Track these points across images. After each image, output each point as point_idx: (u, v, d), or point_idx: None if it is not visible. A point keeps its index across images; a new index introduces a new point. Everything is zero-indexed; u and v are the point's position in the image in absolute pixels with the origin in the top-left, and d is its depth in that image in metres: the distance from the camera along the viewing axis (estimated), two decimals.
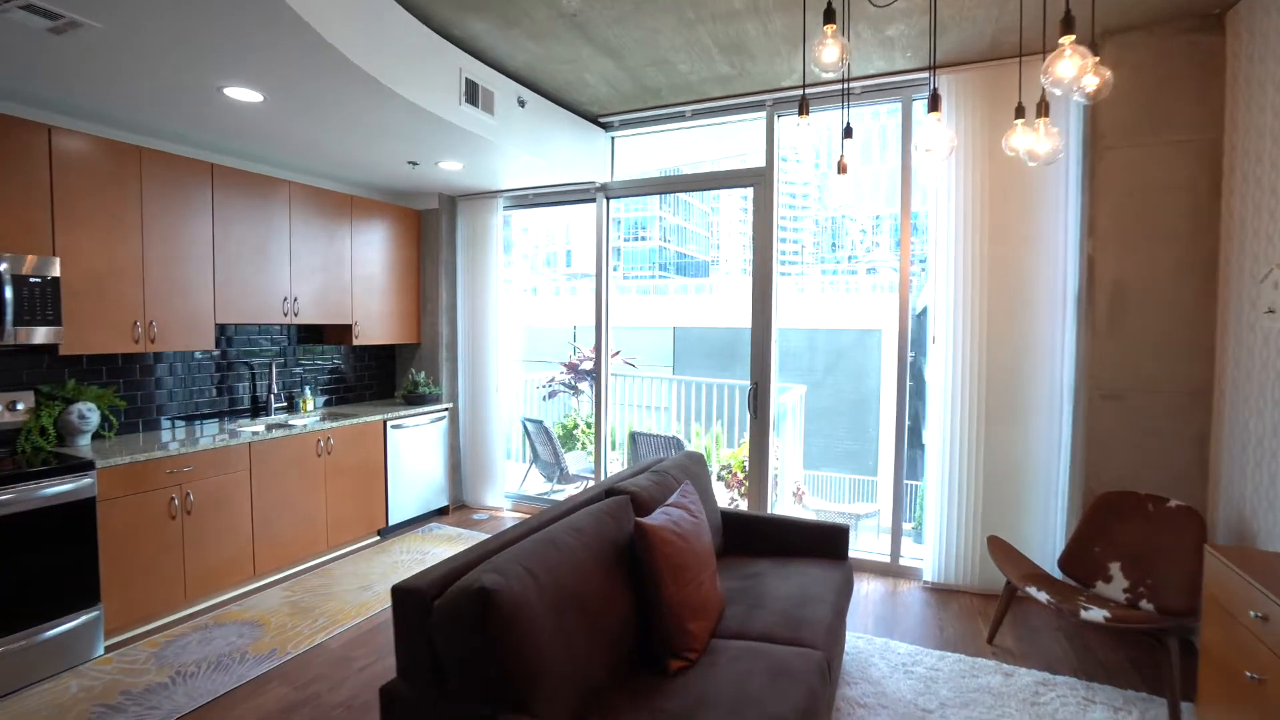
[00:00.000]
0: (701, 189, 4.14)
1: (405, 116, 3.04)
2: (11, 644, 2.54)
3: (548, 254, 34.95)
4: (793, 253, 25.99)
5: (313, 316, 4.06)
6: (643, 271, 30.45)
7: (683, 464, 2.68)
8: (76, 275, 2.95)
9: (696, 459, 2.85)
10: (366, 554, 4.00)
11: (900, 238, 3.61)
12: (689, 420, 5.71)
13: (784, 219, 4.21)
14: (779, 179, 3.89)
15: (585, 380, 6.06)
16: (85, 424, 3.10)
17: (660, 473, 2.48)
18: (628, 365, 6.20)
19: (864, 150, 19.14)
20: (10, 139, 2.73)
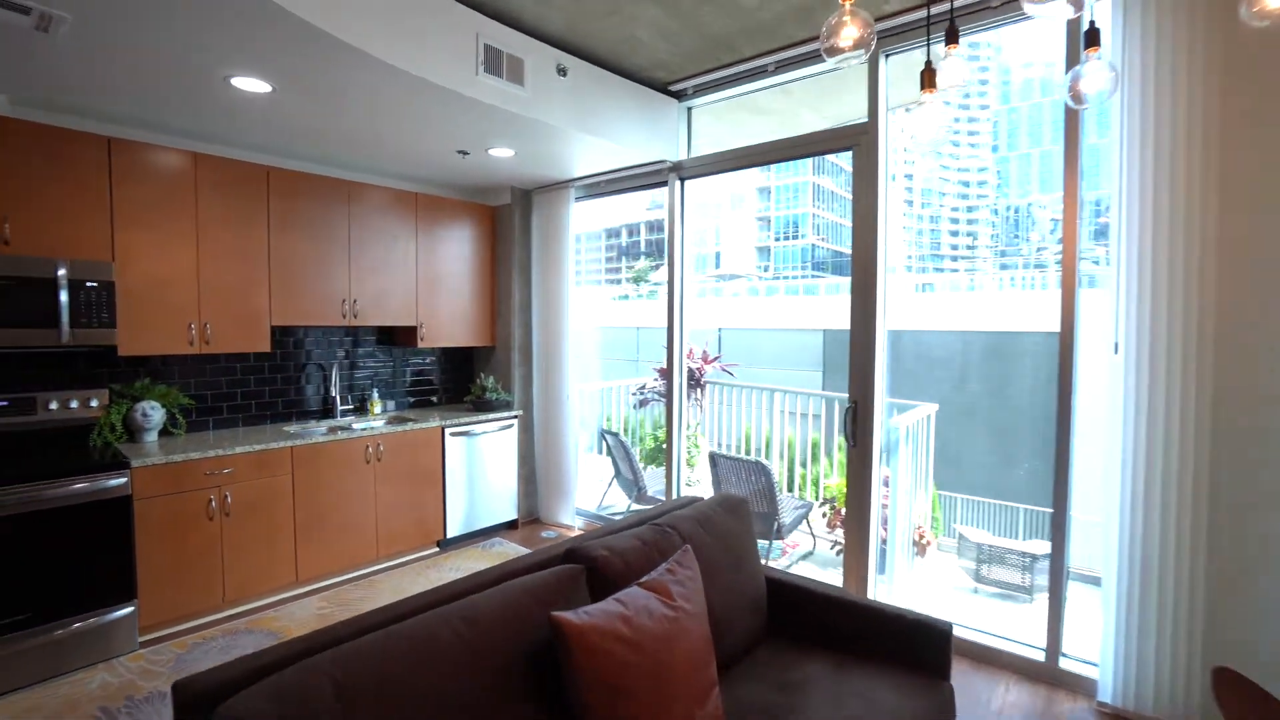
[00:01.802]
0: (790, 157, 3.38)
1: (403, 91, 2.70)
2: (51, 632, 2.61)
3: (699, 256, 34.68)
4: (966, 246, 22.92)
5: (373, 318, 3.96)
6: (793, 271, 28.92)
7: (706, 516, 2.01)
8: (133, 279, 3.03)
9: (734, 506, 2.15)
10: (417, 567, 3.80)
11: (1065, 206, 2.58)
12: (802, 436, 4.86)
13: (955, 210, 3.31)
14: (888, 137, 3.01)
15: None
16: (148, 421, 3.20)
17: (662, 528, 1.86)
18: (726, 373, 5.52)
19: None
20: (73, 152, 2.85)
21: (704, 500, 2.15)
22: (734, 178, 30.36)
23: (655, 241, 44.04)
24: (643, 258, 44.73)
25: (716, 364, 5.48)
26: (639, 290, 33.32)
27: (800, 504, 4.18)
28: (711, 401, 5.64)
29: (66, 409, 3.04)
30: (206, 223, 3.25)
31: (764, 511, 3.83)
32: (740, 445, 5.31)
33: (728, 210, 31.57)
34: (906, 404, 4.21)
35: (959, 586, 4.19)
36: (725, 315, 21.79)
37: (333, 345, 4.11)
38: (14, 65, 2.46)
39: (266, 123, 3.12)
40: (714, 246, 33.11)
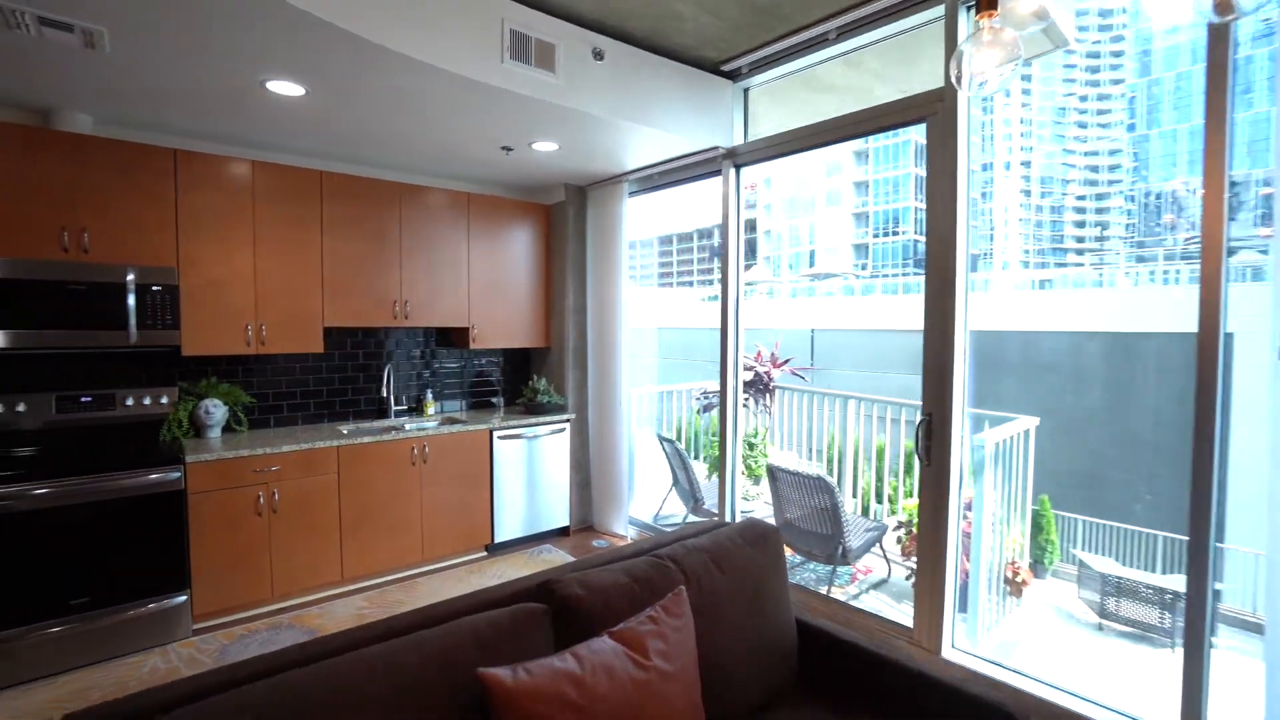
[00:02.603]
0: (853, 135, 2.99)
1: (424, 83, 2.60)
2: (111, 616, 2.75)
3: (793, 255, 33.57)
4: (1094, 238, 20.42)
5: (424, 319, 3.96)
6: (892, 269, 27.23)
7: (720, 548, 1.73)
8: (195, 282, 3.16)
9: (759, 537, 1.85)
10: (460, 572, 3.75)
11: (1206, 182, 2.05)
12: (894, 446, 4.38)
13: (1082, 198, 2.80)
14: (968, 107, 2.58)
15: (745, 393, 5.14)
16: (210, 419, 3.34)
17: (661, 562, 1.60)
18: (797, 376, 5.11)
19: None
20: (144, 164, 3.01)
21: (725, 527, 1.87)
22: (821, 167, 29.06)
23: (749, 242, 43.14)
24: None
25: (786, 367, 5.09)
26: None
27: (873, 526, 3.74)
28: (781, 407, 5.25)
29: (141, 405, 3.22)
30: (263, 227, 3.35)
31: (827, 533, 3.44)
32: (820, 455, 4.88)
33: (822, 207, 30.29)
34: (1003, 416, 3.67)
35: (1080, 621, 3.60)
36: (819, 316, 20.86)
37: (390, 346, 4.16)
38: (78, 84, 2.61)
39: (307, 126, 3.16)
40: (808, 245, 31.88)
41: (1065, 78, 21.97)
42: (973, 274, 2.73)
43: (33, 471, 2.63)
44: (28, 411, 2.96)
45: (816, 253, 31.14)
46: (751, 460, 5.14)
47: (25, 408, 2.96)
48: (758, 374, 5.00)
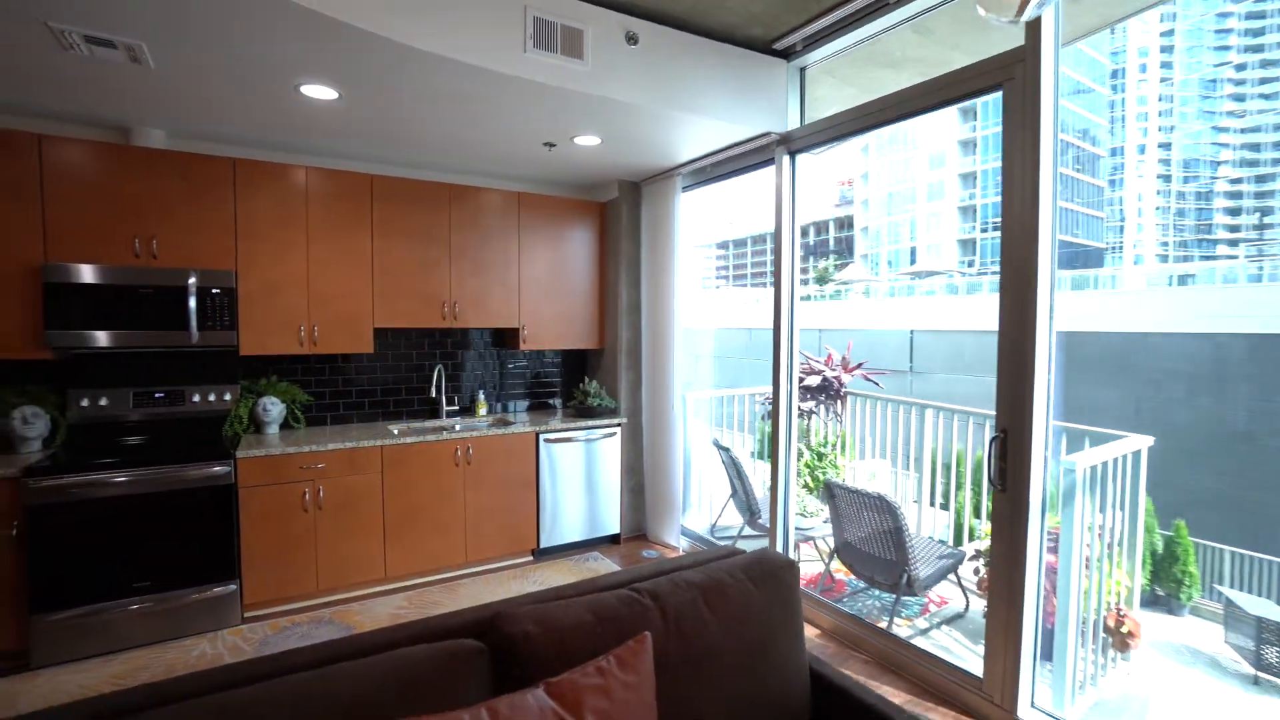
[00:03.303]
0: (920, 109, 2.61)
1: (445, 77, 2.53)
2: (167, 600, 2.91)
3: (891, 252, 31.83)
4: (1251, 226, 17.62)
5: (474, 320, 3.95)
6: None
7: (716, 583, 1.50)
8: (252, 285, 3.30)
9: (769, 573, 1.58)
10: (502, 576, 3.69)
11: None
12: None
13: (1235, 181, 2.47)
14: (1055, 68, 2.17)
15: (812, 399, 4.77)
16: (267, 415, 3.48)
17: (637, 597, 1.40)
18: (870, 383, 4.66)
19: None
20: (206, 174, 3.18)
21: (728, 558, 1.63)
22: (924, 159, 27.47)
23: (845, 239, 41.41)
24: (830, 256, 42.38)
25: (859, 371, 4.68)
26: (822, 290, 31.62)
27: (948, 553, 3.32)
28: (854, 415, 4.84)
29: (206, 401, 3.41)
30: (315, 231, 3.45)
31: (889, 559, 3.07)
32: (916, 466, 4.43)
33: (924, 202, 28.42)
34: (1109, 434, 3.14)
35: (1229, 672, 3.03)
36: (919, 316, 19.55)
37: (442, 347, 4.19)
38: (137, 99, 2.76)
39: (349, 129, 3.20)
40: (908, 241, 30.09)
41: (1217, 44, 19.17)
42: (1097, 269, 2.31)
43: (110, 461, 2.82)
44: (110, 405, 3.20)
45: (918, 249, 29.30)
46: (820, 471, 4.77)
47: (107, 402, 3.20)
48: (826, 379, 4.63)
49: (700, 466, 4.91)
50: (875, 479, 4.64)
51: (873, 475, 4.70)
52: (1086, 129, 26.86)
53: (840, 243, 39.15)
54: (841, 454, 4.84)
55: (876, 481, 4.59)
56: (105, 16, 2.06)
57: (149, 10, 2.02)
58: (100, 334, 2.95)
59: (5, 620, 2.68)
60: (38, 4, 2.00)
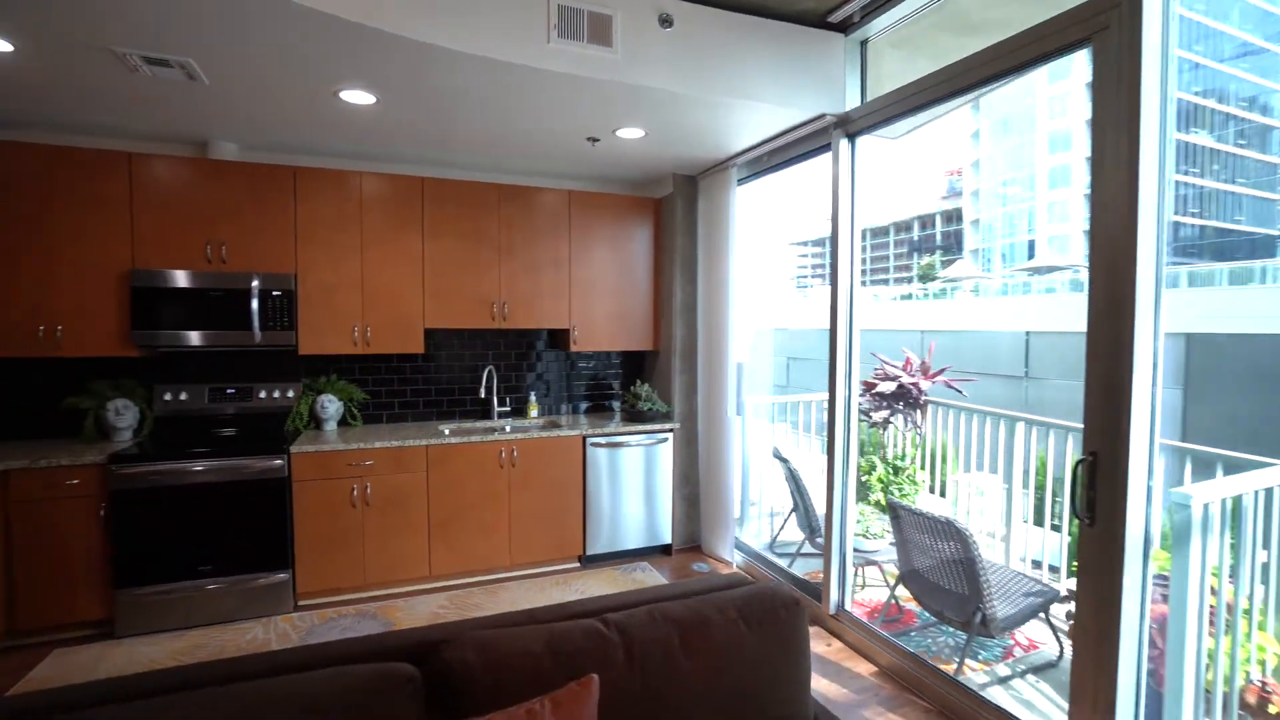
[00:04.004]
0: (996, 75, 2.24)
1: (471, 73, 2.47)
2: (230, 584, 3.09)
3: (1007, 246, 29.36)
4: None
5: (523, 321, 3.93)
6: None
7: (701, 619, 1.31)
8: (310, 287, 3.45)
9: (765, 613, 1.35)
10: (544, 582, 3.64)
11: None
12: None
13: None
14: (1163, 15, 1.78)
15: (886, 408, 4.36)
16: (325, 412, 3.63)
17: (602, 632, 1.24)
18: (952, 390, 4.18)
19: None
20: (270, 182, 3.35)
21: (723, 591, 1.43)
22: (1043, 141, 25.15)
23: (953, 234, 38.66)
24: (937, 252, 39.73)
25: (940, 378, 4.23)
26: (925, 289, 29.71)
27: (1037, 589, 2.88)
28: (939, 426, 4.38)
29: (272, 397, 3.60)
30: (369, 234, 3.55)
31: (960, 592, 2.70)
32: (1026, 480, 3.96)
33: (1045, 190, 25.93)
34: (1251, 460, 2.60)
35: None
36: (1037, 316, 17.82)
37: (495, 348, 4.21)
38: (203, 114, 2.93)
39: (394, 133, 3.24)
40: (1025, 234, 27.61)
41: None
42: (1268, 260, 1.88)
43: (182, 451, 3.03)
44: (189, 399, 3.45)
45: (1036, 243, 26.80)
46: (896, 486, 4.36)
47: (187, 396, 3.45)
48: (903, 385, 4.21)
49: (763, 476, 4.64)
50: (984, 495, 4.13)
51: (980, 492, 4.21)
52: (1256, 95, 23.30)
53: (947, 237, 36.57)
54: (921, 468, 4.40)
55: (986, 499, 4.08)
56: (152, 37, 2.17)
57: (188, 28, 2.11)
58: (177, 333, 3.18)
59: (94, 591, 2.93)
60: (101, 31, 2.14)
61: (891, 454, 4.60)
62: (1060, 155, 25.44)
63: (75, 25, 2.09)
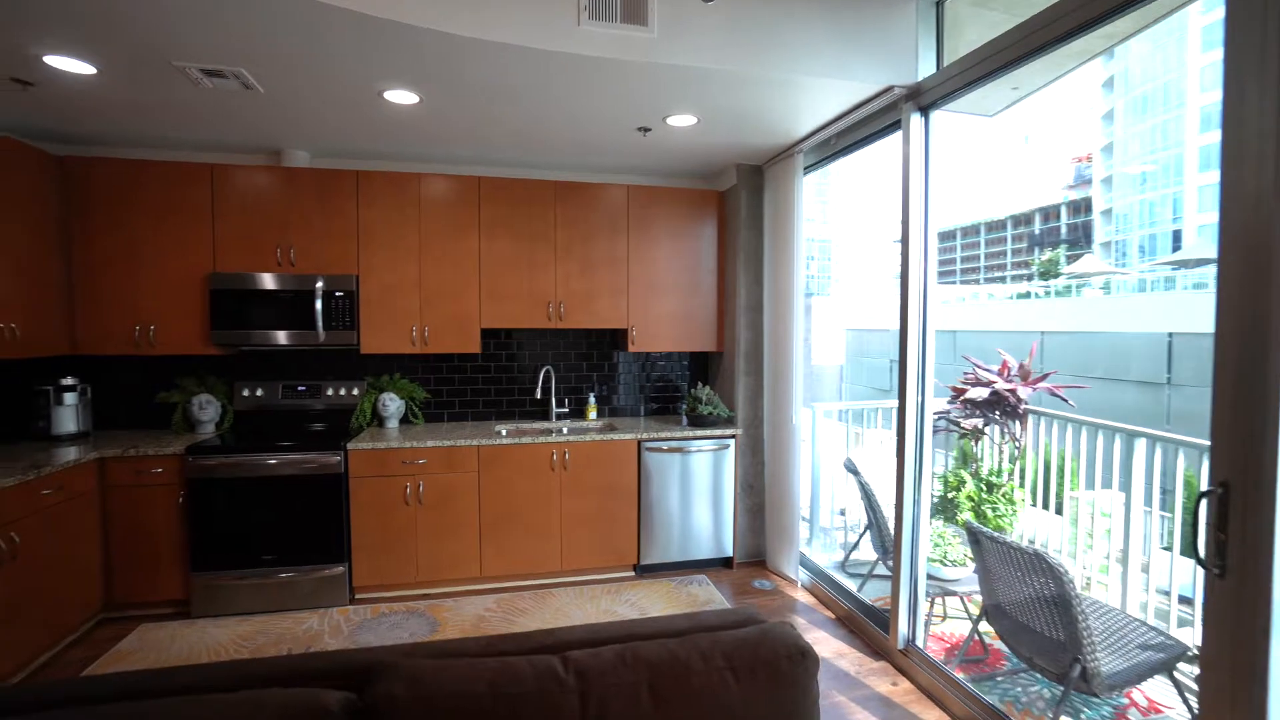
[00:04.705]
0: (1094, 19, 1.85)
1: (487, 60, 2.39)
2: (289, 574, 3.21)
3: (1145, 237, 26.21)
4: None
5: (580, 320, 3.84)
6: None
7: (675, 666, 1.11)
8: (372, 288, 3.54)
9: (758, 664, 1.13)
10: (595, 591, 3.52)
11: None
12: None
13: None
14: None
15: (980, 416, 3.87)
16: (386, 410, 3.71)
17: (557, 674, 1.08)
18: (1057, 397, 3.62)
19: None
20: (334, 187, 3.47)
21: (712, 633, 1.22)
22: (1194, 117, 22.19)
23: (1081, 225, 35.04)
24: (1061, 246, 36.17)
25: (1043, 384, 3.70)
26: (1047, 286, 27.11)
27: (1160, 641, 2.39)
28: (1040, 437, 3.84)
29: (338, 395, 3.74)
30: (428, 235, 3.59)
31: (1054, 638, 2.29)
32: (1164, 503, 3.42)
33: (1194, 172, 22.83)
34: None
35: None
36: (1183, 315, 15.66)
37: (555, 348, 4.15)
38: (268, 123, 3.07)
39: (444, 132, 3.25)
40: (1169, 223, 24.48)
41: None
42: None
43: (250, 445, 3.19)
44: (264, 395, 3.65)
45: (1183, 232, 23.68)
46: (989, 506, 3.87)
47: (262, 392, 3.65)
48: (997, 393, 3.72)
49: (836, 488, 4.28)
50: (1109, 517, 3.57)
51: (1105, 513, 3.64)
52: None
53: (1073, 230, 33.18)
54: (1019, 486, 3.87)
55: (1111, 520, 3.52)
56: (206, 50, 2.26)
57: (232, 38, 2.17)
58: (249, 333, 3.35)
59: (174, 573, 3.15)
60: (161, 47, 2.25)
61: (987, 469, 4.09)
62: (1216, 134, 22.28)
63: (139, 44, 2.22)
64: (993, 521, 3.78)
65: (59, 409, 3.24)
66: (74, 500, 2.86)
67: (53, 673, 2.70)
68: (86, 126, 3.14)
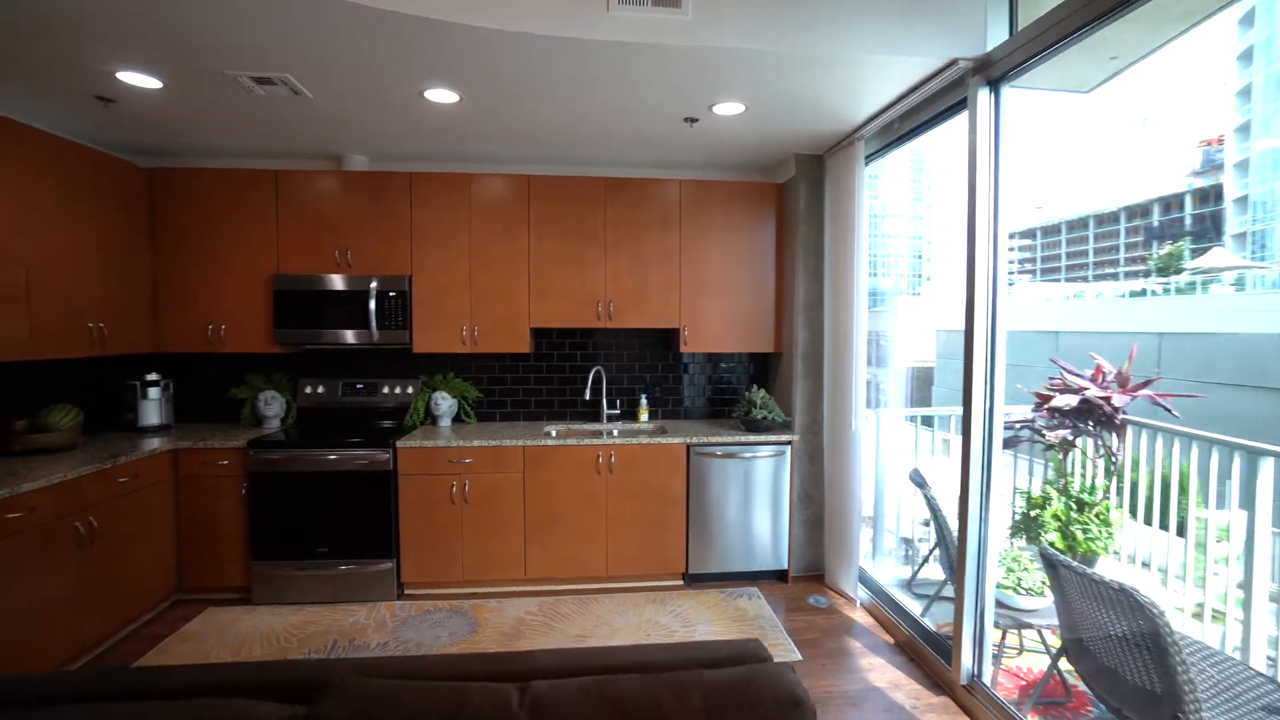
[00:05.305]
0: None
1: (518, 53, 2.32)
2: (341, 566, 3.31)
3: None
4: None
5: (630, 320, 3.75)
6: None
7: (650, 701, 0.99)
8: (424, 288, 3.60)
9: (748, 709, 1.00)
10: (639, 599, 3.41)
11: None
12: None
13: None
14: None
15: (1069, 427, 3.45)
16: (438, 409, 3.77)
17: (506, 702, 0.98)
18: (1159, 406, 3.15)
19: None
20: (387, 189, 3.56)
21: (707, 671, 1.08)
22: None
23: (1209, 216, 31.51)
24: (1185, 238, 32.65)
25: (1144, 392, 3.25)
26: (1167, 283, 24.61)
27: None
28: (1140, 450, 3.38)
29: (394, 393, 3.83)
30: (477, 235, 3.61)
31: (1145, 687, 1.97)
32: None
33: None
34: None
35: None
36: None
37: (606, 348, 4.08)
38: (322, 127, 3.16)
39: (491, 130, 3.24)
40: None
41: None
42: None
43: (314, 440, 3.32)
44: (325, 393, 3.79)
45: None
46: (1080, 527, 3.45)
47: (323, 390, 3.79)
48: (1088, 400, 3.30)
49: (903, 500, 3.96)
50: (1225, 540, 3.12)
51: (1221, 532, 3.18)
52: None
53: (1199, 221, 29.81)
54: (1116, 506, 3.43)
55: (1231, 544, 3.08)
56: (252, 58, 2.34)
57: (271, 43, 2.23)
58: (307, 332, 3.49)
59: (236, 561, 3.31)
60: (212, 56, 2.35)
61: (1079, 484, 3.66)
62: None
63: (192, 52, 2.32)
64: (1083, 544, 3.37)
65: (144, 403, 3.49)
66: (149, 489, 3.07)
67: (131, 647, 2.89)
68: (166, 140, 3.36)
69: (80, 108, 2.87)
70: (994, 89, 2.29)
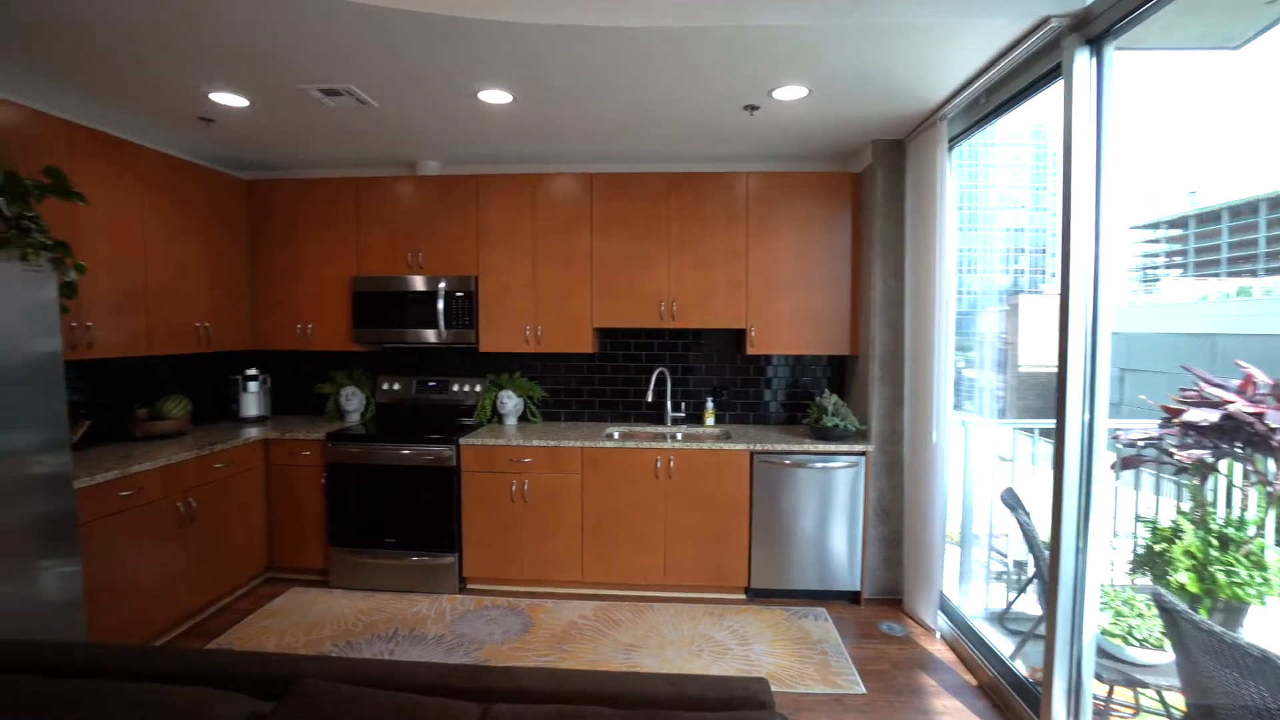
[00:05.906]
0: None
1: (562, 46, 2.25)
2: (408, 558, 3.45)
3: None
4: None
5: (693, 320, 3.62)
6: None
7: None
8: (489, 288, 3.67)
9: None
10: (697, 611, 3.27)
11: None
12: None
13: None
14: None
15: (1209, 447, 2.91)
16: (504, 407, 3.83)
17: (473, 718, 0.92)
18: None
19: None
20: (456, 192, 3.66)
21: (695, 714, 0.96)
22: None
23: None
24: None
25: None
26: None
27: None
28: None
29: (463, 391, 3.93)
30: (541, 234, 3.63)
31: None
32: None
33: None
34: None
35: None
36: None
37: (672, 349, 3.97)
38: (393, 134, 3.28)
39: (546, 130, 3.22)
40: None
41: None
42: None
43: (384, 435, 3.48)
44: (400, 390, 3.97)
45: None
46: (1221, 569, 2.91)
47: (399, 387, 3.97)
48: (1232, 416, 2.76)
49: (997, 519, 3.54)
50: None
51: None
52: None
53: None
54: (1276, 544, 2.86)
55: None
56: (317, 71, 2.46)
57: (329, 55, 2.32)
58: (380, 331, 3.66)
59: (316, 546, 3.53)
60: (283, 73, 2.50)
61: (1222, 516, 3.09)
62: None
63: (267, 68, 2.46)
64: (1226, 589, 2.83)
65: (245, 395, 3.81)
66: (241, 475, 3.33)
67: (223, 618, 3.15)
68: (260, 154, 3.64)
69: (188, 128, 3.17)
70: (1095, 49, 1.95)
